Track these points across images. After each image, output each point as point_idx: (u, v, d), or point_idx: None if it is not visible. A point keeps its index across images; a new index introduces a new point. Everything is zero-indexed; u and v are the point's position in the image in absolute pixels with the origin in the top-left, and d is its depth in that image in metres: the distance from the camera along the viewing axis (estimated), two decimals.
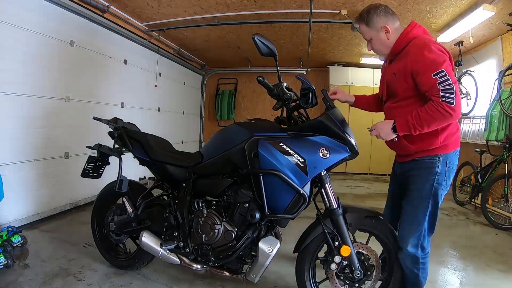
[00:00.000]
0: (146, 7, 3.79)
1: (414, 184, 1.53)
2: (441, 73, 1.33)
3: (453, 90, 1.32)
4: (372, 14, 1.52)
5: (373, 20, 1.52)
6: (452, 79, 1.33)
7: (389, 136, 1.47)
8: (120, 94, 4.15)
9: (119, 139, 1.91)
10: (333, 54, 5.81)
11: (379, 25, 1.52)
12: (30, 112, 2.82)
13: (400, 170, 1.64)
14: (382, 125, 1.50)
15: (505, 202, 3.34)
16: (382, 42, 1.55)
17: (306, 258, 1.61)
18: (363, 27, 1.56)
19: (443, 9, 3.48)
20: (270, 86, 1.58)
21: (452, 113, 1.33)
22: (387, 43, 1.54)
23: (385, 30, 1.51)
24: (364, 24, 1.55)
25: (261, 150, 1.49)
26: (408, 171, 1.58)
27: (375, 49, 1.59)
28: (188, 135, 6.70)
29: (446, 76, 1.32)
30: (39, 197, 2.92)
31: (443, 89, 1.33)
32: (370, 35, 1.56)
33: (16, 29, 2.61)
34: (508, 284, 2.08)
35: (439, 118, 1.34)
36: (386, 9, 1.53)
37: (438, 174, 1.48)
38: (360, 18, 1.56)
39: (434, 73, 1.34)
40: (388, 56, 1.59)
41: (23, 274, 1.95)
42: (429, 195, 1.49)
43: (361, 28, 1.58)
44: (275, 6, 3.64)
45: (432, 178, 1.48)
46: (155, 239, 1.78)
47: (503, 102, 3.65)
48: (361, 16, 1.56)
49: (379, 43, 1.56)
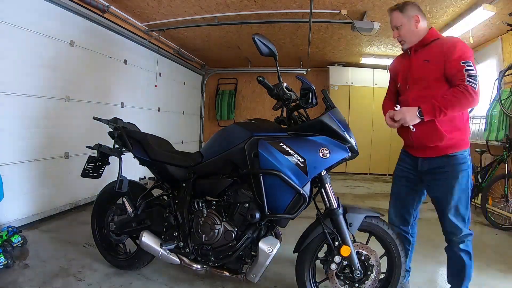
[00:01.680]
0: (146, 7, 3.79)
1: (452, 179, 1.59)
2: (469, 63, 1.48)
3: (476, 79, 1.46)
4: (408, 4, 1.65)
5: (408, 8, 1.63)
6: (476, 71, 1.48)
7: (413, 121, 1.51)
8: (120, 94, 4.15)
9: (119, 139, 1.91)
10: (333, 54, 5.81)
11: (412, 14, 1.62)
12: (30, 112, 2.82)
13: (429, 166, 1.64)
14: (407, 109, 1.53)
15: (505, 202, 3.34)
16: (411, 30, 1.63)
17: (306, 258, 1.61)
18: (397, 13, 1.65)
19: (443, 9, 3.48)
20: (270, 86, 1.58)
21: (475, 96, 1.44)
22: (415, 32, 1.63)
23: (416, 20, 1.62)
24: (397, 11, 1.65)
25: (261, 150, 1.49)
26: (441, 167, 1.61)
27: (403, 35, 1.66)
28: (188, 135, 6.70)
29: (472, 66, 1.47)
30: (39, 197, 2.92)
31: (468, 75, 1.46)
32: (402, 22, 1.64)
33: (16, 29, 2.62)
34: (508, 284, 2.08)
35: (463, 99, 1.44)
36: (420, 7, 1.68)
37: (469, 166, 1.61)
38: (396, 6, 1.67)
39: (463, 61, 1.48)
40: (415, 46, 1.65)
41: (23, 274, 1.95)
42: (467, 186, 1.61)
43: (394, 15, 1.66)
44: (275, 6, 3.64)
45: (467, 171, 1.59)
46: (155, 239, 1.78)
47: (503, 102, 3.65)
48: (397, 5, 1.67)
49: (408, 30, 1.64)
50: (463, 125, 1.59)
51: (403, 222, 1.81)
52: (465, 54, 1.50)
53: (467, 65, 1.47)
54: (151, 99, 4.98)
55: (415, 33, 1.63)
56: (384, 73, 6.14)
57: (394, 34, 1.70)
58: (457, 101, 1.45)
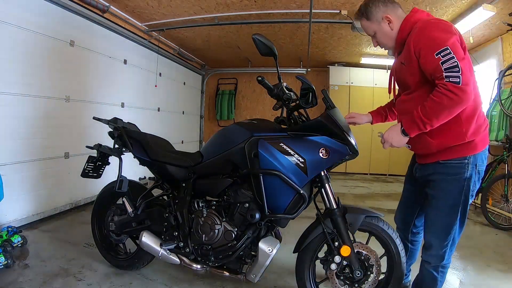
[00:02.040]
0: (146, 7, 3.79)
1: (439, 190, 1.37)
2: (445, 51, 1.18)
3: (458, 68, 1.15)
4: (370, 7, 1.43)
5: (372, 12, 1.42)
6: (458, 56, 1.17)
7: (402, 143, 1.34)
8: (120, 94, 4.15)
9: (119, 139, 1.91)
10: (333, 54, 5.81)
11: (380, 16, 1.41)
12: (30, 112, 2.82)
13: (421, 173, 1.48)
14: (391, 133, 1.36)
15: (505, 202, 3.34)
16: (387, 34, 1.43)
17: (306, 258, 1.61)
18: (364, 22, 1.47)
19: (443, 9, 3.48)
20: (270, 86, 1.57)
21: (460, 93, 1.15)
22: (392, 34, 1.42)
23: (388, 21, 1.41)
24: (364, 19, 1.46)
25: (261, 150, 1.49)
26: (430, 175, 1.41)
27: (381, 42, 1.48)
28: (188, 135, 6.70)
29: (450, 54, 1.17)
30: (39, 197, 2.92)
31: (446, 68, 1.17)
32: (373, 29, 1.45)
33: (16, 29, 2.62)
34: (508, 284, 2.08)
35: (447, 102, 1.17)
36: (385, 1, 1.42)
37: (467, 179, 1.32)
38: (359, 13, 1.47)
39: (436, 52, 1.19)
40: (396, 48, 1.46)
41: (23, 274, 1.95)
42: (458, 203, 1.34)
43: (363, 24, 1.48)
44: (275, 6, 3.64)
45: (461, 185, 1.32)
46: (155, 239, 1.78)
47: (503, 102, 3.65)
48: (360, 11, 1.47)
49: (383, 35, 1.44)
50: (459, 124, 1.28)
51: (404, 226, 1.75)
52: (437, 41, 1.20)
53: (442, 55, 1.18)
54: (151, 99, 4.98)
55: (392, 35, 1.43)
56: (384, 73, 6.15)
57: (374, 43, 1.52)
58: (440, 106, 1.19)
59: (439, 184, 1.38)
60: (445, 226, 1.39)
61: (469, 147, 1.31)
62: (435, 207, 1.41)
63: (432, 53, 1.21)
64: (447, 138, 1.30)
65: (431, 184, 1.42)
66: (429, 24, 1.27)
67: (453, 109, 1.20)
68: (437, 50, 1.19)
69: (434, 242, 1.45)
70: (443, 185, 1.37)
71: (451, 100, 1.17)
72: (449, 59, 1.17)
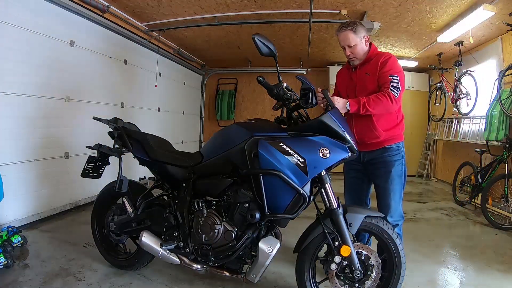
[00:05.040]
0: (146, 7, 3.79)
1: (389, 166, 1.86)
2: (395, 77, 1.77)
3: (399, 89, 1.76)
4: (357, 25, 1.86)
5: (359, 30, 1.85)
6: (401, 85, 1.77)
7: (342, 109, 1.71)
8: (120, 94, 4.15)
9: (119, 139, 1.91)
10: (333, 54, 5.81)
11: (362, 35, 1.86)
12: (30, 112, 2.82)
13: (370, 157, 1.91)
14: (339, 100, 1.72)
15: (505, 202, 3.34)
16: (363, 49, 1.88)
17: (306, 258, 1.61)
18: (350, 33, 1.84)
19: (443, 9, 3.48)
20: (270, 86, 1.58)
21: (393, 101, 1.73)
22: (365, 50, 1.89)
23: (366, 40, 1.88)
24: (351, 31, 1.84)
25: (261, 150, 1.49)
26: (379, 157, 1.88)
27: (356, 53, 1.87)
28: (188, 135, 6.70)
29: (397, 80, 1.76)
30: (39, 197, 2.92)
31: (392, 86, 1.75)
32: (355, 41, 1.85)
33: (16, 29, 2.62)
34: (508, 284, 2.08)
35: (384, 101, 1.72)
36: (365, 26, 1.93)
37: (403, 156, 1.90)
38: (347, 25, 1.86)
39: (390, 74, 1.77)
40: (360, 62, 1.90)
41: (23, 274, 1.95)
42: (401, 173, 1.89)
43: (348, 34, 1.84)
44: (275, 6, 3.64)
45: (401, 160, 1.89)
46: (155, 239, 1.78)
47: (503, 102, 3.65)
48: (348, 25, 1.86)
49: (361, 49, 1.87)
50: (398, 122, 1.88)
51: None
52: (393, 70, 1.78)
53: (393, 78, 1.76)
54: (151, 99, 4.98)
55: (365, 51, 1.88)
56: None
57: (347, 52, 1.89)
58: (379, 102, 1.72)
59: (388, 162, 1.87)
60: (399, 191, 1.88)
61: (400, 136, 1.91)
62: (388, 179, 1.86)
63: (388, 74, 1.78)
64: (393, 130, 1.87)
65: (382, 163, 1.88)
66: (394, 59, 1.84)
67: (385, 107, 1.74)
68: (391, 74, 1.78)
69: (395, 205, 1.86)
70: (392, 162, 1.86)
71: (387, 102, 1.73)
72: (396, 82, 1.76)
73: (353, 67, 1.94)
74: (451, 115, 5.37)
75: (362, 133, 1.85)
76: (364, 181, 2.02)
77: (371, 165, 1.92)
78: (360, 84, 1.89)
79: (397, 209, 1.87)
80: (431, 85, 6.16)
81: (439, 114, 5.51)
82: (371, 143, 1.87)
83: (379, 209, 1.90)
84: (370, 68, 1.86)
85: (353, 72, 1.95)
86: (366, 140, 1.87)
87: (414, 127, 6.24)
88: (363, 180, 2.01)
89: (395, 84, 1.75)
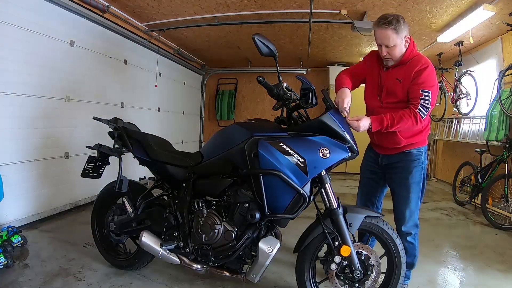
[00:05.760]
0: (146, 7, 3.79)
1: (407, 173, 1.76)
2: (427, 93, 1.59)
3: (428, 109, 1.60)
4: (401, 23, 1.61)
5: (402, 28, 1.61)
6: (432, 102, 1.60)
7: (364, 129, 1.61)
8: (120, 94, 4.15)
9: (119, 139, 1.91)
10: (333, 54, 5.81)
11: (404, 35, 1.63)
12: (30, 112, 2.82)
13: (388, 161, 1.83)
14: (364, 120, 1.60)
15: (505, 202, 3.34)
16: (401, 51, 1.66)
17: (306, 258, 1.61)
18: (392, 32, 1.60)
19: (443, 9, 3.48)
20: (270, 86, 1.58)
21: (419, 123, 1.60)
22: (402, 52, 1.67)
23: (406, 41, 1.65)
24: (393, 30, 1.60)
25: (261, 150, 1.49)
26: (397, 162, 1.79)
27: (393, 55, 1.66)
28: (188, 135, 6.70)
29: (429, 97, 1.58)
30: (39, 197, 2.92)
31: (422, 104, 1.58)
32: (396, 42, 1.62)
33: (16, 29, 2.61)
34: (508, 284, 2.08)
35: (409, 122, 1.59)
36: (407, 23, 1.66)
37: (423, 162, 1.79)
38: (389, 23, 1.60)
39: (423, 89, 1.59)
40: (395, 64, 1.71)
41: (23, 274, 1.95)
42: (420, 180, 1.78)
43: (389, 34, 1.60)
44: (275, 6, 3.64)
45: (421, 167, 1.77)
46: (155, 239, 1.78)
47: (503, 102, 3.65)
48: (389, 22, 1.60)
49: (399, 51, 1.65)
50: (422, 129, 1.75)
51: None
52: (427, 84, 1.60)
53: (425, 94, 1.58)
54: (151, 99, 4.98)
55: (403, 52, 1.67)
56: None
57: (383, 52, 1.66)
58: (403, 123, 1.59)
59: (405, 168, 1.76)
60: (415, 199, 1.77)
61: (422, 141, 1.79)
62: (404, 185, 1.76)
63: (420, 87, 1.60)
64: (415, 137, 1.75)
65: (400, 169, 1.78)
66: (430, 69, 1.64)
67: (409, 128, 1.63)
68: (424, 89, 1.59)
69: (409, 213, 1.77)
70: (410, 168, 1.76)
71: (412, 124, 1.59)
72: (427, 99, 1.58)
73: (385, 66, 1.75)
74: (451, 115, 5.37)
75: (382, 137, 1.77)
76: (379, 184, 1.94)
77: (389, 169, 1.84)
78: (389, 88, 1.72)
79: (411, 218, 1.77)
80: None
81: (439, 114, 5.50)
82: (390, 148, 1.79)
83: (394, 214, 1.84)
84: (403, 74, 1.67)
85: (383, 71, 1.76)
86: (385, 144, 1.79)
87: None
88: (378, 182, 1.93)
89: (425, 103, 1.58)
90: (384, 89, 1.75)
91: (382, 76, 1.76)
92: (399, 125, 1.59)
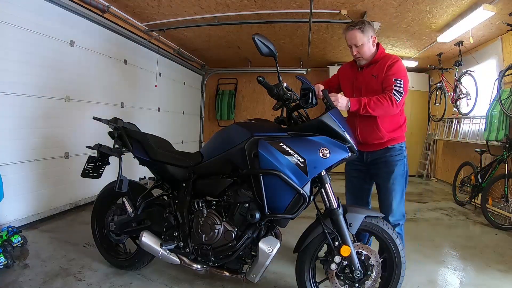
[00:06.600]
0: (146, 7, 3.79)
1: (392, 166, 1.88)
2: (400, 81, 1.76)
3: (401, 94, 1.75)
4: (366, 25, 1.83)
5: (367, 29, 1.82)
6: (405, 89, 1.76)
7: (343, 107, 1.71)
8: (120, 94, 4.15)
9: (119, 139, 1.91)
10: (333, 54, 5.81)
11: (370, 35, 1.84)
12: (30, 112, 2.82)
13: (373, 157, 1.93)
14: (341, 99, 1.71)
15: (505, 202, 3.34)
16: (369, 49, 1.86)
17: (306, 258, 1.61)
18: (358, 32, 1.81)
19: (443, 9, 3.48)
20: (270, 86, 1.58)
21: (394, 104, 1.72)
22: (372, 50, 1.87)
23: (373, 40, 1.86)
24: (359, 30, 1.81)
25: (261, 150, 1.49)
26: (382, 157, 1.90)
27: (362, 53, 1.85)
28: (188, 135, 6.70)
29: (401, 84, 1.76)
30: (39, 197, 2.92)
31: (395, 90, 1.75)
32: (363, 41, 1.82)
33: (16, 29, 2.62)
34: (508, 284, 2.08)
35: (385, 104, 1.72)
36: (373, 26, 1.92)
37: (405, 156, 1.93)
38: (354, 25, 1.84)
39: (395, 78, 1.76)
40: (367, 63, 1.89)
41: (23, 274, 1.95)
42: (403, 173, 1.91)
43: (355, 34, 1.82)
44: (275, 6, 3.64)
45: (403, 160, 1.91)
46: (155, 239, 1.78)
47: (503, 102, 3.65)
48: (355, 24, 1.84)
49: (368, 49, 1.85)
50: (401, 124, 1.90)
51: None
52: (399, 74, 1.78)
53: (397, 82, 1.75)
54: (151, 99, 4.98)
55: (372, 51, 1.86)
56: None
57: (353, 52, 1.86)
58: (380, 104, 1.71)
59: (390, 162, 1.88)
60: (400, 190, 1.89)
61: (402, 136, 1.92)
62: (390, 179, 1.87)
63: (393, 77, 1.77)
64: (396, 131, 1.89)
65: (385, 163, 1.89)
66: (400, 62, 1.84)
67: (386, 110, 1.74)
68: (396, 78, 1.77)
69: (396, 205, 1.87)
70: (394, 162, 1.87)
71: (388, 105, 1.72)
72: (400, 86, 1.75)
73: (360, 67, 1.93)
74: (451, 115, 5.37)
75: (367, 134, 1.87)
76: (366, 181, 2.03)
77: (374, 165, 1.94)
78: (367, 85, 1.89)
79: (398, 209, 1.88)
80: (431, 85, 6.16)
81: (439, 114, 5.50)
82: (374, 144, 1.89)
83: (380, 208, 1.92)
84: (377, 70, 1.85)
85: (359, 71, 1.94)
86: (369, 141, 1.88)
87: (414, 127, 6.23)
88: (365, 180, 2.03)
89: (398, 88, 1.74)
90: (363, 87, 1.90)
91: (358, 76, 1.93)
92: (376, 106, 1.72)
